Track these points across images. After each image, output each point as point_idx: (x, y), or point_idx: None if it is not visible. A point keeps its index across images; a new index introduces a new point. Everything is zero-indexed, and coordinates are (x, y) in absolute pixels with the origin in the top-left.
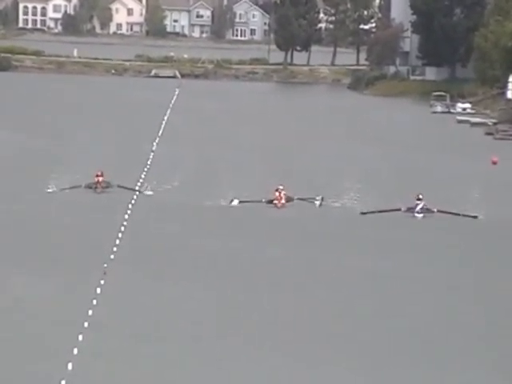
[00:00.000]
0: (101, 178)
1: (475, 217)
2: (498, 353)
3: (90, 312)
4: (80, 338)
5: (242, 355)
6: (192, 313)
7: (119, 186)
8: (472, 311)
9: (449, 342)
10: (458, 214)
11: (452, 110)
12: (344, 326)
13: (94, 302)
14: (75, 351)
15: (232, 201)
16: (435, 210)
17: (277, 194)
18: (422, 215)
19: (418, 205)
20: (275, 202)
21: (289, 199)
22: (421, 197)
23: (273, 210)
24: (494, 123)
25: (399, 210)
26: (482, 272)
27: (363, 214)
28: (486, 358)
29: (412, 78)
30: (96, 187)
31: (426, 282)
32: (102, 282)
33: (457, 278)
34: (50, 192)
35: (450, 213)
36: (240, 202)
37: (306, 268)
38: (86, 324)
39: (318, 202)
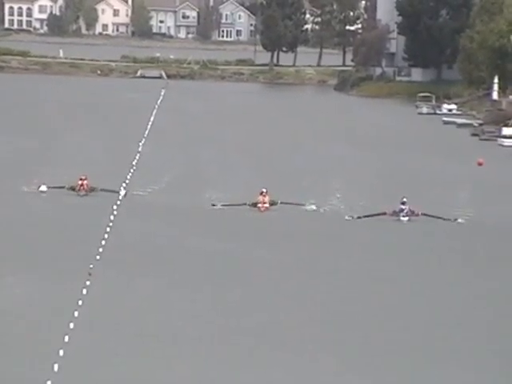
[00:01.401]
0: (85, 182)
1: (456, 219)
2: (486, 353)
3: (76, 313)
4: (66, 338)
5: (230, 355)
6: (177, 312)
7: (103, 190)
8: (461, 313)
9: (443, 341)
10: (442, 218)
11: (438, 112)
12: (335, 327)
13: (80, 302)
14: (61, 352)
15: (214, 204)
16: (420, 213)
17: (260, 197)
18: (407, 219)
19: (402, 209)
20: (259, 205)
21: (273, 203)
22: (405, 200)
23: (255, 214)
24: (480, 124)
25: (384, 214)
26: (467, 274)
27: (349, 219)
28: (474, 357)
29: (398, 79)
30: (79, 190)
31: (413, 285)
32: (88, 282)
33: (442, 280)
34: (31, 192)
35: (434, 216)
36: (223, 205)
37: (285, 270)
38: (71, 325)
39: (302, 207)
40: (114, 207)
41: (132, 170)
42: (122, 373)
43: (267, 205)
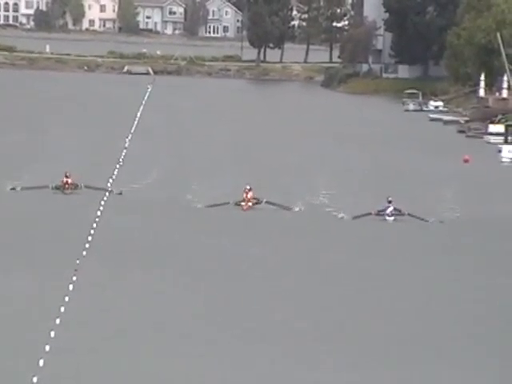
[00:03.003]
0: (69, 180)
1: (441, 221)
2: (477, 349)
3: (62, 308)
4: (52, 334)
5: (219, 350)
6: (163, 307)
7: (87, 187)
8: (450, 310)
9: (432, 337)
10: (426, 220)
11: (424, 108)
12: (325, 323)
13: (66, 298)
14: (47, 348)
15: (198, 204)
16: (406, 212)
17: (244, 195)
18: (392, 218)
19: (388, 208)
20: (242, 203)
21: (257, 201)
22: (391, 199)
23: (237, 213)
24: (467, 121)
25: (370, 214)
26: (454, 272)
27: (337, 218)
28: (466, 354)
29: (385, 75)
30: (64, 188)
31: (400, 284)
32: (74, 278)
33: (430, 279)
34: (16, 191)
35: (419, 218)
36: (207, 206)
37: (267, 269)
38: (57, 320)
39: (287, 210)
40: (100, 204)
41: (118, 166)
42: (108, 368)
43: (250, 203)
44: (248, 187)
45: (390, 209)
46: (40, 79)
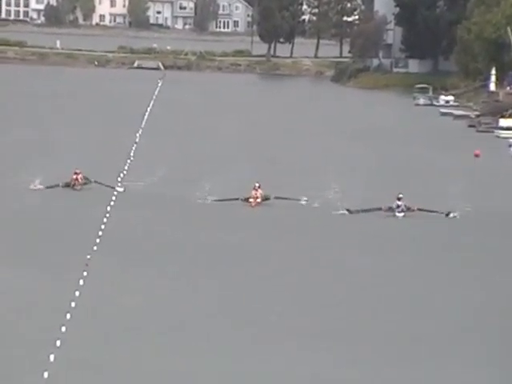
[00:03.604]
0: (79, 176)
1: (449, 214)
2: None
3: (73, 304)
4: (63, 329)
5: (228, 344)
6: (175, 303)
7: (96, 182)
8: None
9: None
10: (437, 212)
11: (435, 103)
12: (332, 319)
13: (77, 293)
14: (58, 343)
15: (207, 199)
16: (415, 208)
17: (253, 192)
18: (402, 214)
19: (398, 205)
20: (250, 200)
21: (266, 197)
22: (401, 196)
23: (246, 209)
24: (477, 116)
25: (380, 209)
26: (464, 268)
27: (344, 213)
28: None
29: (395, 70)
30: (74, 185)
31: (409, 280)
32: (85, 273)
33: (438, 275)
34: (29, 189)
35: (430, 211)
36: (215, 200)
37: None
38: (68, 316)
39: (296, 201)
40: (111, 200)
41: (129, 161)
42: (118, 364)
43: (259, 200)
44: (257, 184)
45: (401, 205)
46: (50, 74)
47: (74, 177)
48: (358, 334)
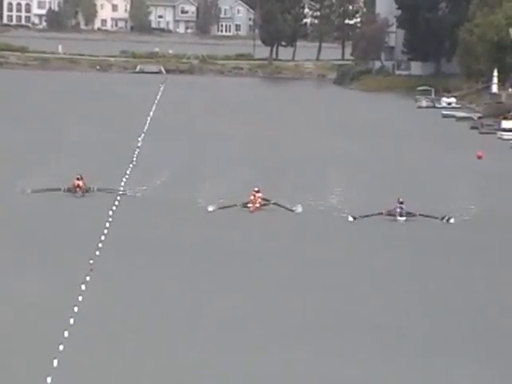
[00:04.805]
0: (81, 182)
1: (450, 219)
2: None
3: (76, 308)
4: (66, 334)
5: (231, 343)
6: (177, 305)
7: (99, 190)
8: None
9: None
10: (439, 218)
11: (437, 105)
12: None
13: (80, 298)
14: (61, 347)
15: (208, 207)
16: (417, 213)
17: (252, 196)
18: (404, 219)
19: (399, 208)
20: (249, 205)
21: (265, 202)
22: (402, 200)
23: (245, 214)
24: (479, 117)
25: (381, 214)
26: (465, 272)
27: (346, 218)
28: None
29: (397, 72)
30: (75, 191)
31: (411, 284)
32: (88, 278)
33: (441, 277)
34: (28, 193)
35: (431, 216)
36: (215, 208)
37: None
38: (71, 320)
39: (295, 209)
40: (113, 205)
41: (131, 166)
42: (121, 367)
43: (258, 205)
44: (256, 189)
45: (402, 210)
46: (53, 79)
47: (76, 183)
48: (358, 334)
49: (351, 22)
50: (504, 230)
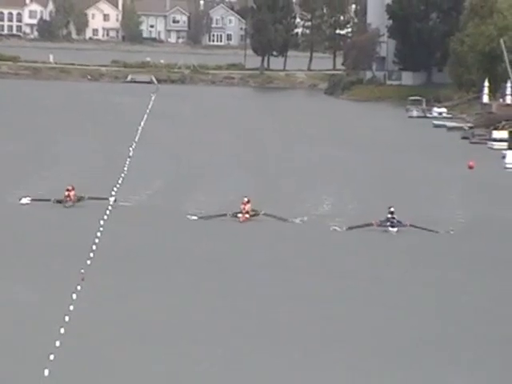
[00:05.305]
0: (72, 193)
1: (447, 231)
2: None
3: (67, 318)
4: (57, 343)
5: (223, 354)
6: (168, 315)
7: (90, 198)
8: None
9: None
10: (430, 230)
11: (428, 115)
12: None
13: (71, 307)
14: (52, 357)
15: (193, 216)
16: (408, 223)
17: (242, 206)
18: (395, 229)
19: (390, 219)
20: (239, 215)
21: (255, 213)
22: (392, 210)
23: (234, 224)
24: (470, 127)
25: (371, 224)
26: (458, 280)
27: (335, 229)
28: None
29: (388, 82)
30: (66, 201)
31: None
32: (79, 287)
33: (434, 287)
34: (19, 204)
35: (421, 228)
36: (202, 217)
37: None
38: (62, 330)
39: (286, 222)
40: (104, 214)
41: (123, 175)
42: (111, 378)
43: (247, 215)
44: (246, 199)
45: (393, 220)
46: (44, 89)
47: (66, 193)
48: (356, 341)
49: (342, 32)
50: (495, 239)
